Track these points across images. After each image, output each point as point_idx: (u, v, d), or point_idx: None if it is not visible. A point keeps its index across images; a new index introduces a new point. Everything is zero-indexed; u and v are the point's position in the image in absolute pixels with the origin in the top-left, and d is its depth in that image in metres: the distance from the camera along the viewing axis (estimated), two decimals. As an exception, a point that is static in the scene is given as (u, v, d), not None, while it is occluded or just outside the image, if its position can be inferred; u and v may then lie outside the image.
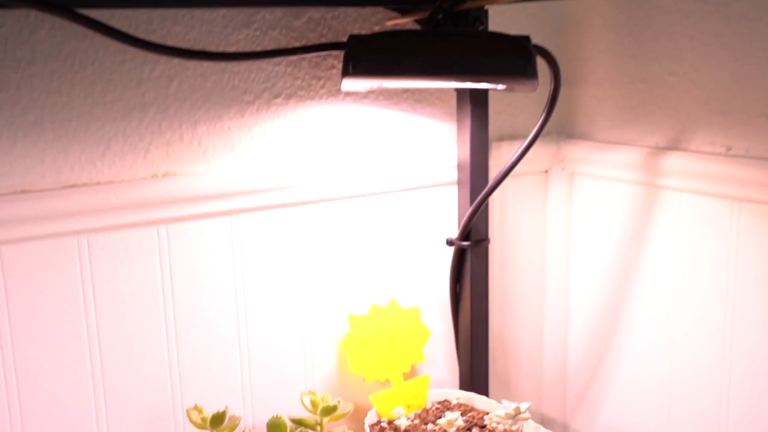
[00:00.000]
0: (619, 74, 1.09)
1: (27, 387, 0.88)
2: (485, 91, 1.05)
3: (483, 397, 1.08)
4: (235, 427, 0.91)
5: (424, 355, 1.10)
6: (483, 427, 1.03)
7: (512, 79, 0.90)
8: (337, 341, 1.07)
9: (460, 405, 1.08)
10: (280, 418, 0.84)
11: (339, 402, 0.92)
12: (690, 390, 1.04)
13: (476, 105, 1.05)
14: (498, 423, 1.01)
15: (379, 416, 1.05)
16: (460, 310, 1.12)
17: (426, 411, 1.07)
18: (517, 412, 0.88)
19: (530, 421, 1.00)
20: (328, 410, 0.91)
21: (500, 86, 0.93)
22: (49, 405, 0.90)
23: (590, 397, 1.22)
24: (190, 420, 0.90)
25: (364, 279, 1.08)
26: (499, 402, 1.04)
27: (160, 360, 0.95)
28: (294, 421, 0.90)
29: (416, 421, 1.04)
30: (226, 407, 0.88)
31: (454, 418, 0.91)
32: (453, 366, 1.17)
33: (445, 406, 1.09)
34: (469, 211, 1.06)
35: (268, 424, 0.85)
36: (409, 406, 1.06)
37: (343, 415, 0.93)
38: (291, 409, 0.95)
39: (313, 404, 0.93)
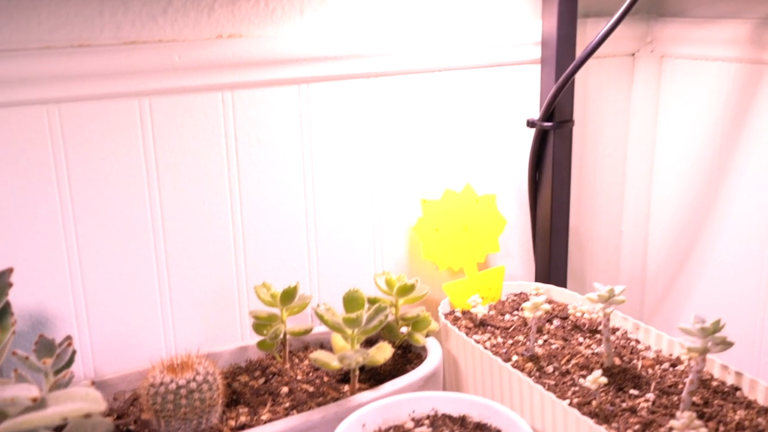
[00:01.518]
0: (726, -62, 0.99)
1: (89, 260, 0.83)
2: (576, -45, 0.96)
3: (563, 290, 1.01)
4: (305, 305, 0.85)
5: (499, 246, 1.04)
6: (565, 318, 0.96)
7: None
8: (408, 226, 1.01)
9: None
10: (357, 291, 0.78)
11: (417, 281, 0.85)
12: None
13: (566, -30, 0.96)
14: (582, 313, 0.95)
15: (452, 306, 0.99)
16: (539, 198, 1.04)
17: (502, 303, 1.01)
18: (611, 294, 0.81)
19: (617, 311, 0.94)
20: (405, 290, 0.85)
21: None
22: (111, 279, 0.85)
23: (670, 300, 1.15)
24: (259, 297, 0.84)
25: (437, 161, 1.01)
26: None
27: (224, 236, 0.90)
28: (369, 300, 0.84)
29: (492, 312, 0.98)
30: (297, 282, 0.83)
31: (540, 301, 0.84)
32: (528, 260, 1.10)
33: (522, 298, 1.02)
34: (554, 87, 0.97)
35: (344, 298, 0.79)
36: (483, 298, 1.00)
37: (420, 297, 0.87)
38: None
39: (389, 284, 0.87)
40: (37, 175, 0.79)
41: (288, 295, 0.82)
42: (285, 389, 0.82)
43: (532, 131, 1.02)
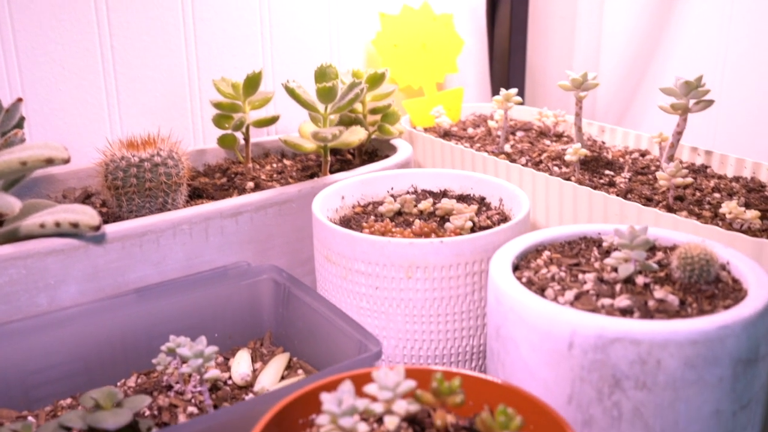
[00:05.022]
0: None
1: (26, 51, 0.75)
2: None
3: (524, 107, 0.99)
4: (268, 99, 0.80)
5: (457, 67, 1.01)
6: (528, 129, 0.95)
7: None
8: (367, 41, 0.97)
9: (498, 116, 1.00)
10: (331, 66, 0.74)
11: (387, 71, 0.81)
12: (739, 118, 0.97)
13: None
14: (546, 117, 0.93)
15: (413, 124, 0.96)
16: (497, 17, 1.02)
17: (462, 122, 0.99)
18: (585, 78, 0.80)
19: (584, 118, 0.93)
20: (376, 79, 0.80)
21: None
22: (51, 74, 0.77)
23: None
24: (218, 90, 0.78)
25: (395, -25, 0.97)
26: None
27: (175, 34, 0.83)
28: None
29: (454, 129, 0.96)
30: (261, 68, 0.77)
31: (512, 92, 0.82)
32: (484, 86, 1.08)
33: (482, 119, 1.00)
34: None
35: (316, 72, 0.74)
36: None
37: (388, 94, 0.83)
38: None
39: (356, 75, 0.82)
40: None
41: (251, 83, 0.77)
42: (251, 184, 0.77)
43: (490, -54, 0.99)
